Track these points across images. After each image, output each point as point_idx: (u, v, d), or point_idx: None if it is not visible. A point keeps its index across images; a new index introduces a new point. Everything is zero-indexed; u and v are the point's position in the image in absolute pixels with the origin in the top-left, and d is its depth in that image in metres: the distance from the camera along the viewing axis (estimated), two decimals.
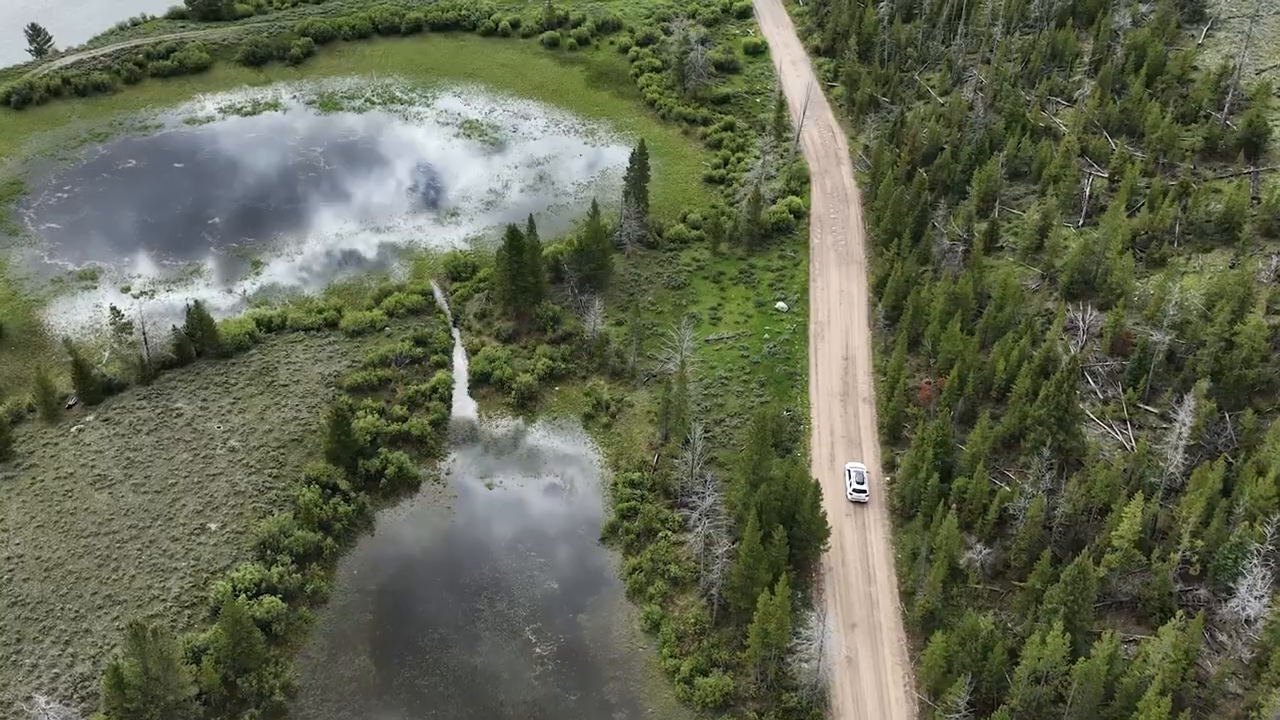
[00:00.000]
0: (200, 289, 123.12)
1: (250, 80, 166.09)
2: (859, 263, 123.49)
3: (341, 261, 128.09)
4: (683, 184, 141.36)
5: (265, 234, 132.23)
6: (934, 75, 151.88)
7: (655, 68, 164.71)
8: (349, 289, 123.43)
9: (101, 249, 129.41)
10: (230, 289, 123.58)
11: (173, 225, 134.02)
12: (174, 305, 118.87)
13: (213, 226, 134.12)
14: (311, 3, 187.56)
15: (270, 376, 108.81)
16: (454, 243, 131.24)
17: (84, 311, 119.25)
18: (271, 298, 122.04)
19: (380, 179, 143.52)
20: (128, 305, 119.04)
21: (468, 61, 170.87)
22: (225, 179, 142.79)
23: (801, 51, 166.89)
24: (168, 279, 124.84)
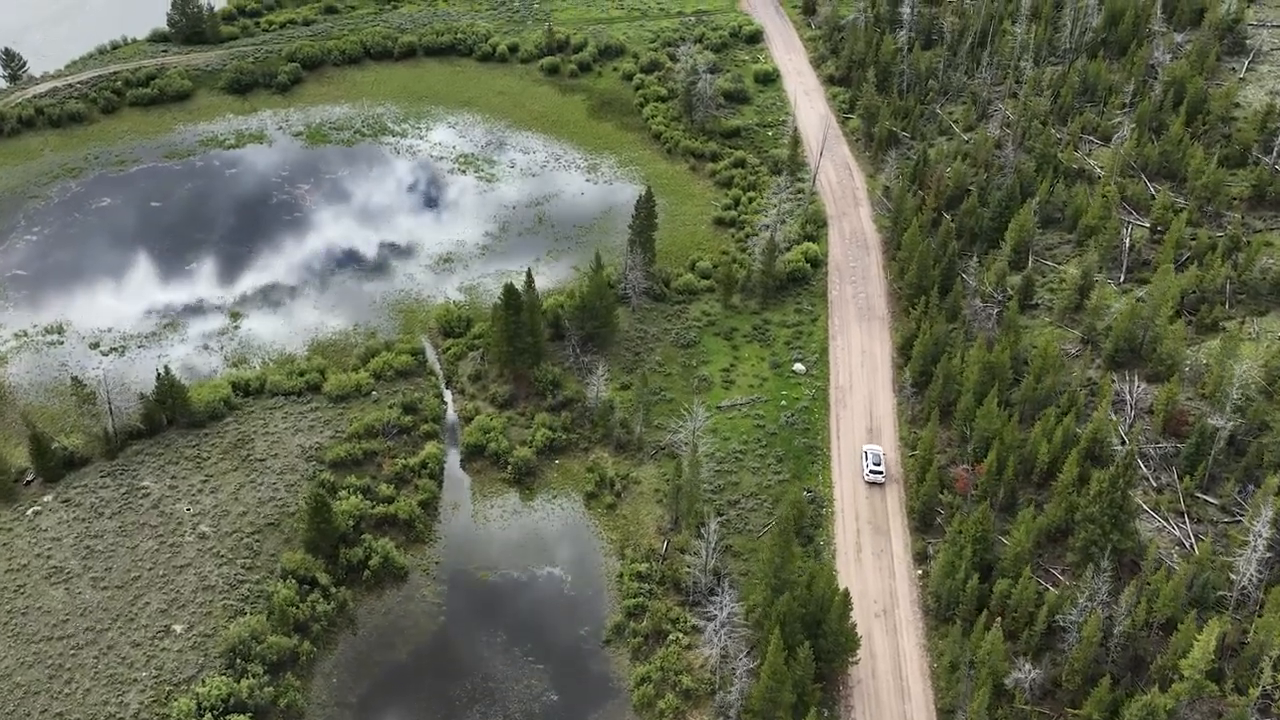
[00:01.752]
0: (175, 344, 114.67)
1: (234, 109, 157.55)
2: (881, 318, 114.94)
3: (327, 313, 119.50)
4: (691, 226, 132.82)
5: (246, 282, 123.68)
6: (957, 109, 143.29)
7: (661, 97, 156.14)
8: (334, 345, 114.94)
9: (71, 299, 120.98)
10: (207, 344, 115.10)
11: (147, 272, 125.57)
12: (146, 363, 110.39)
13: (190, 273, 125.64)
14: (300, 24, 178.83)
15: (246, 449, 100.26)
16: (447, 292, 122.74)
17: (49, 370, 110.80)
18: (251, 355, 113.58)
19: (369, 220, 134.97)
20: (96, 364, 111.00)
21: (464, 89, 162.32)
22: (205, 220, 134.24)
23: (815, 80, 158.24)
24: (140, 333, 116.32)
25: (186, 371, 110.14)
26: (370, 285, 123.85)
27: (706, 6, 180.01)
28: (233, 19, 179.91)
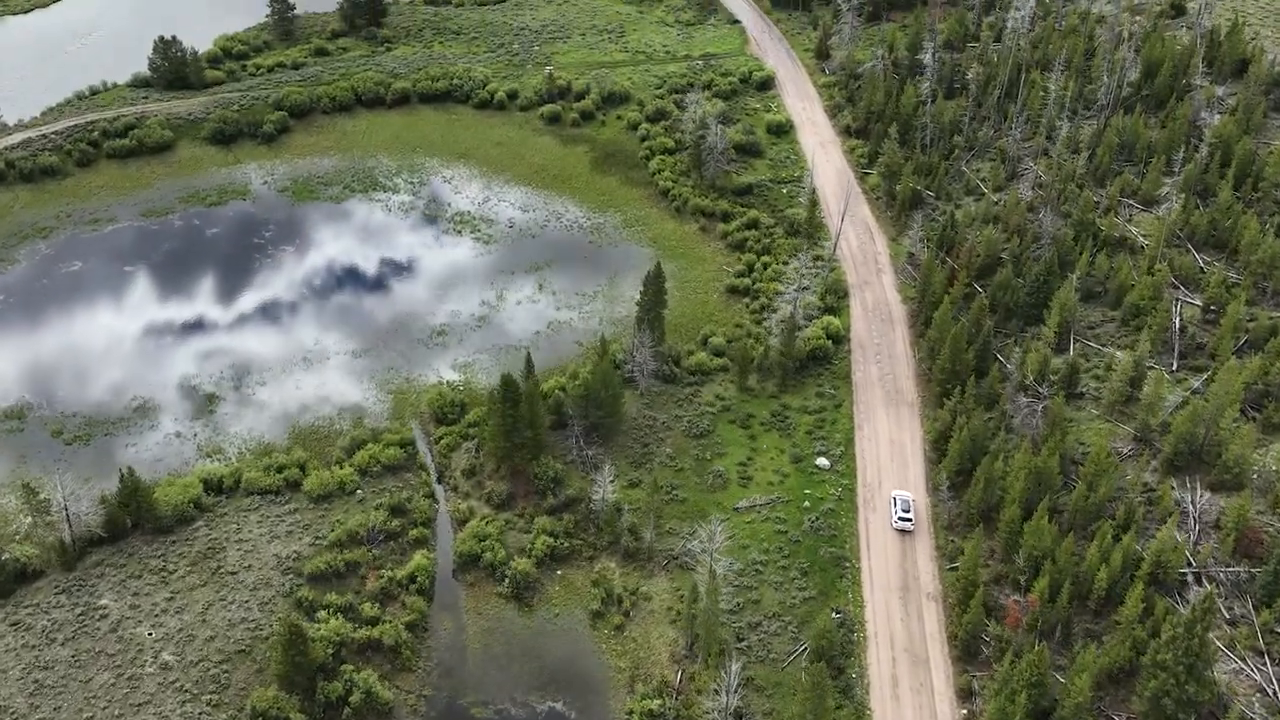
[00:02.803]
0: (144, 432, 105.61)
1: (217, 161, 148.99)
2: (910, 404, 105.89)
3: (310, 395, 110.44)
4: (702, 294, 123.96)
5: (223, 358, 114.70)
6: (984, 166, 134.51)
7: (668, 148, 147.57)
8: (317, 433, 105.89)
9: (34, 378, 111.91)
10: (179, 431, 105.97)
11: (118, 346, 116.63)
12: (113, 453, 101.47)
13: (164, 347, 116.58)
14: (289, 68, 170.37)
15: (217, 560, 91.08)
16: (440, 370, 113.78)
17: (6, 463, 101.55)
18: (226, 443, 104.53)
19: (358, 288, 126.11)
20: (58, 455, 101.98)
21: (460, 139, 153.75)
22: (181, 287, 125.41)
23: (831, 131, 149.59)
24: (108, 419, 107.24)
25: (156, 464, 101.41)
26: (358, 362, 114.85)
27: (715, 50, 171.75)
28: (218, 62, 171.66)
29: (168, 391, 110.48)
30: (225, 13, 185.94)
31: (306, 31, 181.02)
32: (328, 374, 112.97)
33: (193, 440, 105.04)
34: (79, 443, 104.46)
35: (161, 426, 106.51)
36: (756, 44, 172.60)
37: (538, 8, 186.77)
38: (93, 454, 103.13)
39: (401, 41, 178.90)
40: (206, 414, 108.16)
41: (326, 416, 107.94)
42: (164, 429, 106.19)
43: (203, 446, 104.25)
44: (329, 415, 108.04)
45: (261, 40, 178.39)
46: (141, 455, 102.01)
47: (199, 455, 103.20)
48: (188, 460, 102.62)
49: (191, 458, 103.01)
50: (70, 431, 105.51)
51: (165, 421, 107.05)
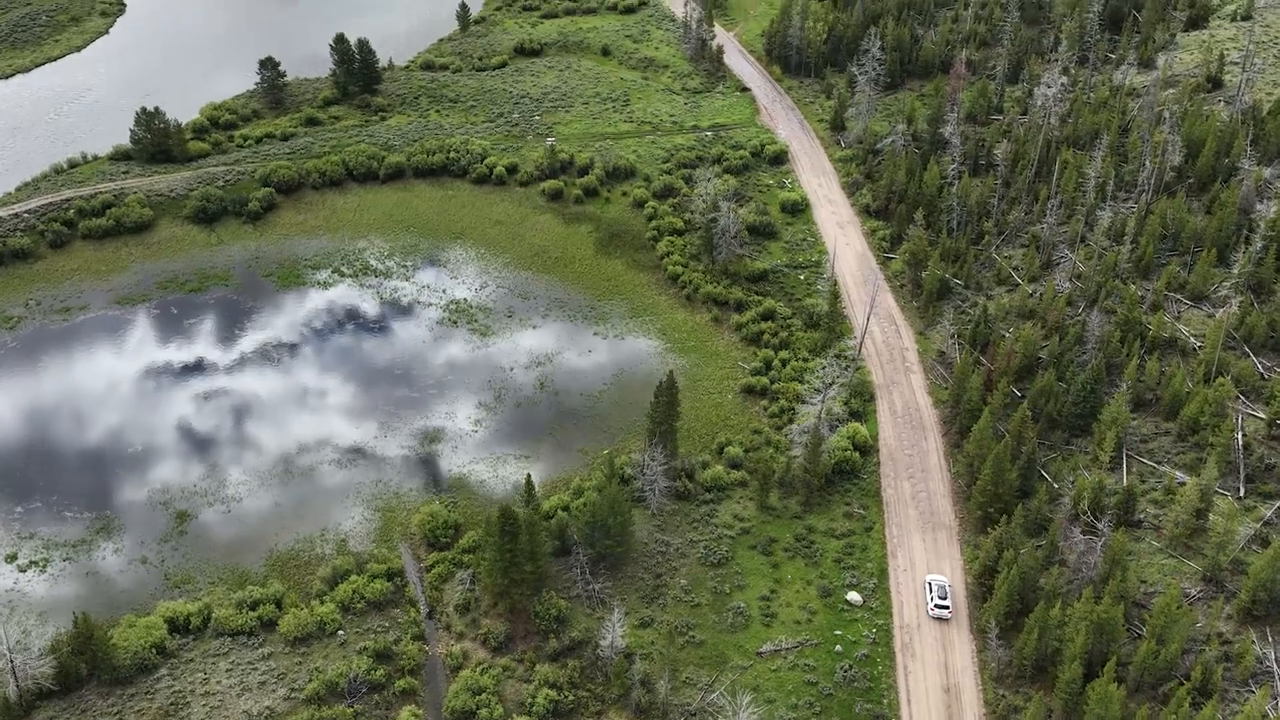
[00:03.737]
0: (107, 555, 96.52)
1: (199, 242, 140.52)
2: (948, 527, 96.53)
3: (290, 512, 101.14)
4: (716, 394, 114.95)
5: (196, 469, 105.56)
6: (1016, 252, 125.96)
7: (676, 229, 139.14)
8: (296, 559, 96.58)
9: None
10: (144, 556, 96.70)
11: (83, 457, 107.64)
12: (71, 581, 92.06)
13: (133, 458, 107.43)
14: (278, 139, 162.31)
15: (179, 718, 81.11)
16: (431, 487, 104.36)
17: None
18: (195, 571, 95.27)
19: (345, 386, 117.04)
20: (12, 583, 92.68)
21: (457, 217, 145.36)
22: (154, 387, 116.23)
23: (850, 211, 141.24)
24: (68, 541, 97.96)
25: (119, 596, 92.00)
26: (343, 473, 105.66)
27: (724, 120, 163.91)
28: (204, 133, 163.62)
29: (135, 509, 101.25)
30: (218, 74, 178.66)
31: (297, 99, 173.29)
32: (310, 487, 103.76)
33: (160, 567, 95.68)
34: (34, 569, 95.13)
35: (126, 549, 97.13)
36: (767, 113, 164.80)
37: (539, 74, 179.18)
38: (48, 583, 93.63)
39: (396, 110, 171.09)
40: (176, 535, 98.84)
41: (307, 538, 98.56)
42: (128, 553, 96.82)
43: (170, 575, 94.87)
44: (310, 537, 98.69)
45: (250, 109, 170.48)
46: (101, 587, 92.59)
47: (166, 586, 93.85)
48: (153, 592, 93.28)
49: (158, 588, 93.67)
50: (25, 556, 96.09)
51: (129, 543, 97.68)
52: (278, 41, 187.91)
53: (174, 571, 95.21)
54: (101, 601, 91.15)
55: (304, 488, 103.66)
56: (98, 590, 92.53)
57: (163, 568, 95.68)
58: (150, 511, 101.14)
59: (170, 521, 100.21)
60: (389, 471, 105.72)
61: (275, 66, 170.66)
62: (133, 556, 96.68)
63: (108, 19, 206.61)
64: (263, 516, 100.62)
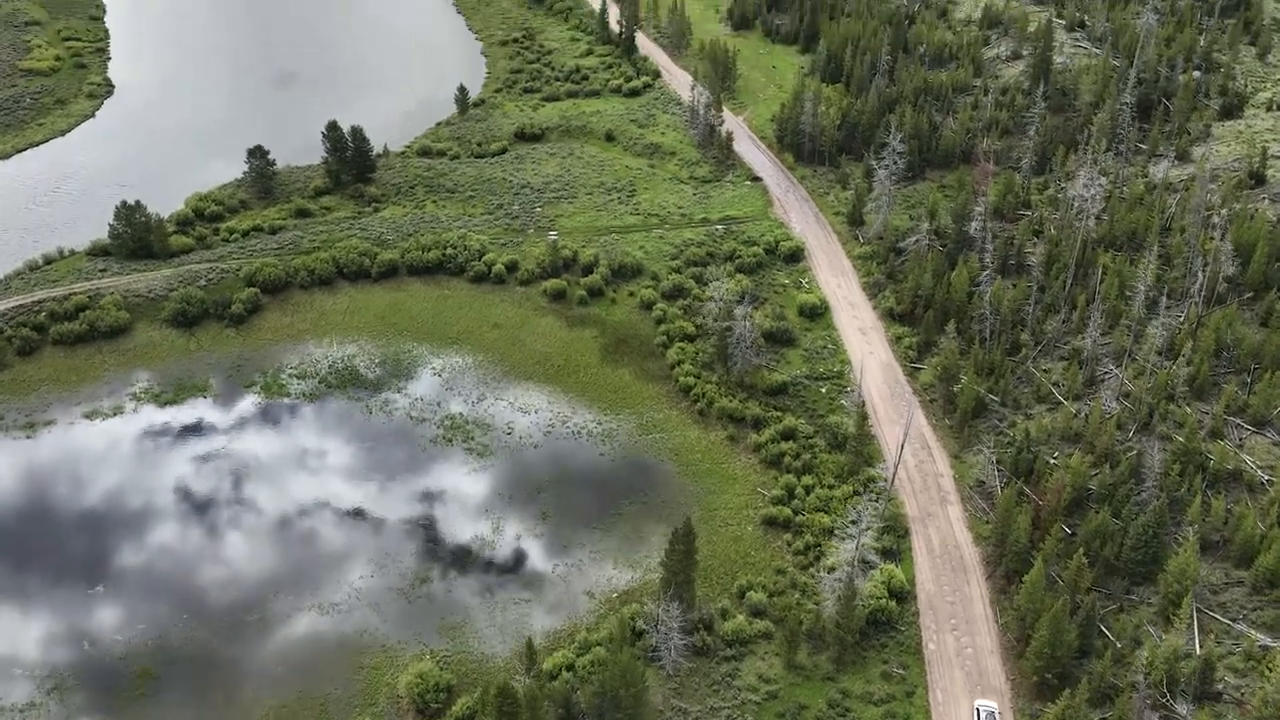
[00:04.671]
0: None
1: (177, 348, 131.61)
2: (1000, 691, 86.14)
3: (264, 674, 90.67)
4: (734, 525, 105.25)
5: (164, 616, 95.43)
6: (1055, 366, 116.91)
7: (687, 334, 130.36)
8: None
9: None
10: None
11: (38, 598, 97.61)
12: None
13: (93, 600, 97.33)
14: (267, 232, 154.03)
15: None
16: (424, 634, 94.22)
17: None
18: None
19: (329, 520, 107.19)
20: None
21: (453, 320, 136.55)
22: (120, 516, 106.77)
23: (872, 315, 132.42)
24: (14, 704, 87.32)
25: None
26: (324, 621, 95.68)
27: (735, 212, 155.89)
28: (188, 225, 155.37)
29: (91, 665, 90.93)
30: (207, 161, 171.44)
31: (288, 189, 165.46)
32: (287, 641, 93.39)
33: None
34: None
35: (79, 714, 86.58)
36: (780, 205, 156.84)
37: (540, 162, 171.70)
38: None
39: (391, 200, 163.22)
40: (134, 697, 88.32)
41: (284, 704, 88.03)
42: (80, 717, 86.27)
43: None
44: (285, 701, 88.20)
45: (238, 200, 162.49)
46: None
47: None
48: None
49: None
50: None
51: (83, 705, 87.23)
52: (271, 125, 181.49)
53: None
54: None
55: (280, 641, 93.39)
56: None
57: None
58: (108, 668, 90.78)
59: (129, 681, 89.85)
60: (375, 619, 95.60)
61: (264, 155, 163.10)
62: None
63: (95, 101, 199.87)
64: (233, 678, 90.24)
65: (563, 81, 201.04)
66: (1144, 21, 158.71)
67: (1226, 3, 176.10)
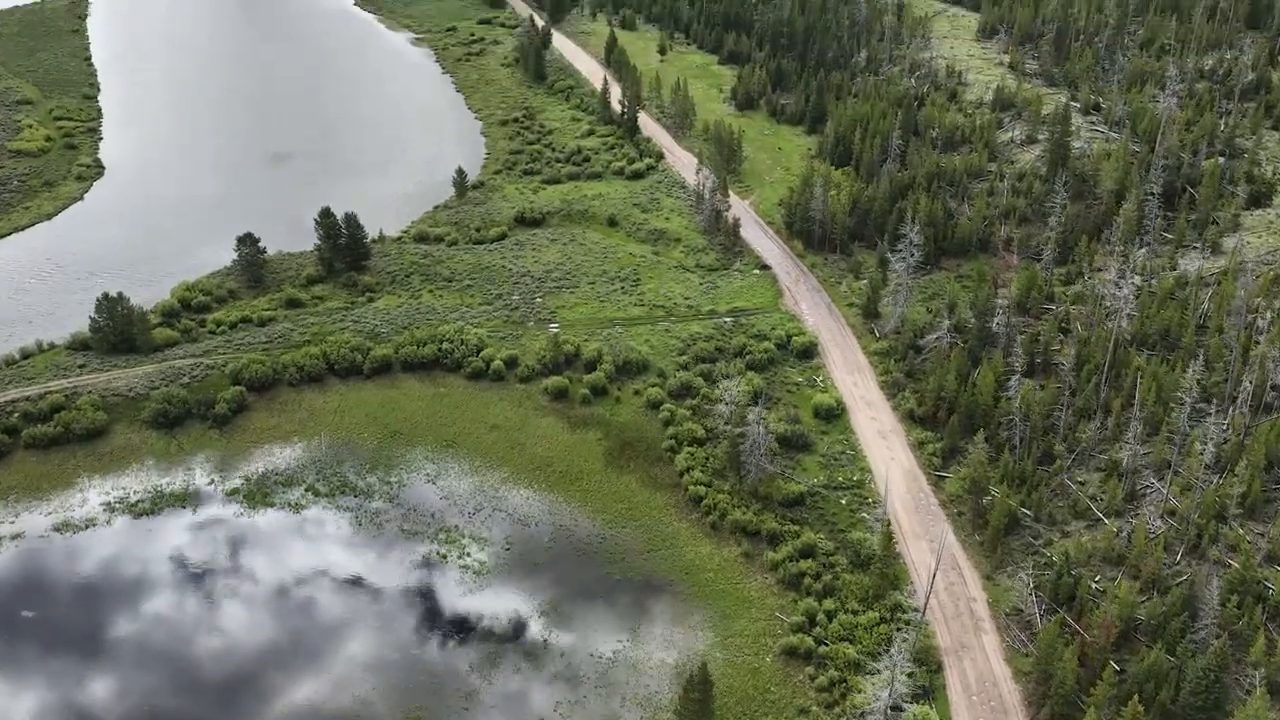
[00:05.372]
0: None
1: (156, 451, 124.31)
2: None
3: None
4: (751, 656, 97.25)
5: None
6: (1091, 477, 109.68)
7: (697, 438, 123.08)
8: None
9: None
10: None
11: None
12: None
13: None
14: (255, 324, 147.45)
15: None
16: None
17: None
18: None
19: (313, 645, 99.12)
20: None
21: (449, 420, 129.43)
22: (91, 640, 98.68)
23: (891, 417, 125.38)
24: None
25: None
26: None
27: (743, 303, 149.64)
28: (174, 316, 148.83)
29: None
30: (196, 246, 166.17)
31: (278, 277, 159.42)
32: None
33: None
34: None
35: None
36: (790, 295, 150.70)
37: (541, 248, 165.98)
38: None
39: (385, 290, 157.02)
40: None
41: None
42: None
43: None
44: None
45: (226, 289, 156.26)
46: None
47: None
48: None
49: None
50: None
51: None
52: (264, 208, 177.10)
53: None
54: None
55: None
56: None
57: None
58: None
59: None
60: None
61: (255, 243, 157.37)
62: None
63: (84, 184, 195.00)
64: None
65: (564, 163, 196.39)
66: (1165, 106, 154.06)
67: (1246, 86, 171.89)
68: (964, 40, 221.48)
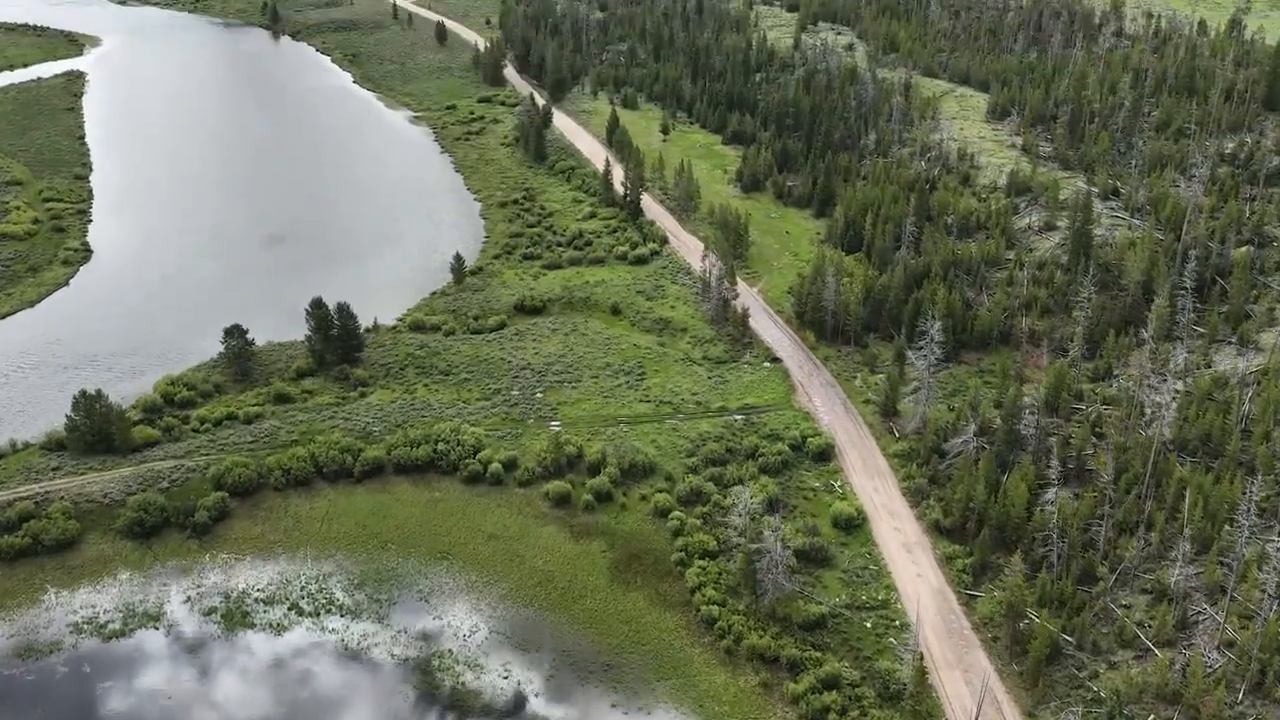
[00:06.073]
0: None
1: (131, 563, 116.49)
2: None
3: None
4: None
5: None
6: (1138, 599, 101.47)
7: (708, 550, 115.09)
8: None
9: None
10: None
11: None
12: None
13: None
14: (241, 422, 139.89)
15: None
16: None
17: None
18: None
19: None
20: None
21: (443, 529, 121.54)
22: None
23: (916, 527, 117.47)
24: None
25: None
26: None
27: (754, 400, 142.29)
28: (156, 413, 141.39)
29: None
30: (183, 336, 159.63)
31: (267, 369, 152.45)
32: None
33: None
34: None
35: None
36: (803, 390, 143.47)
37: (542, 339, 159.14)
38: None
39: (379, 384, 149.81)
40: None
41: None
42: None
43: None
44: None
45: (212, 383, 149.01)
46: None
47: None
48: None
49: None
50: None
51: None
52: (255, 294, 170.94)
53: None
54: None
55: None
56: None
57: None
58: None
59: None
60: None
61: (243, 334, 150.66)
62: None
63: (69, 269, 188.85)
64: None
65: (565, 247, 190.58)
66: (1191, 194, 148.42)
67: (1271, 170, 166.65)
68: (974, 121, 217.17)
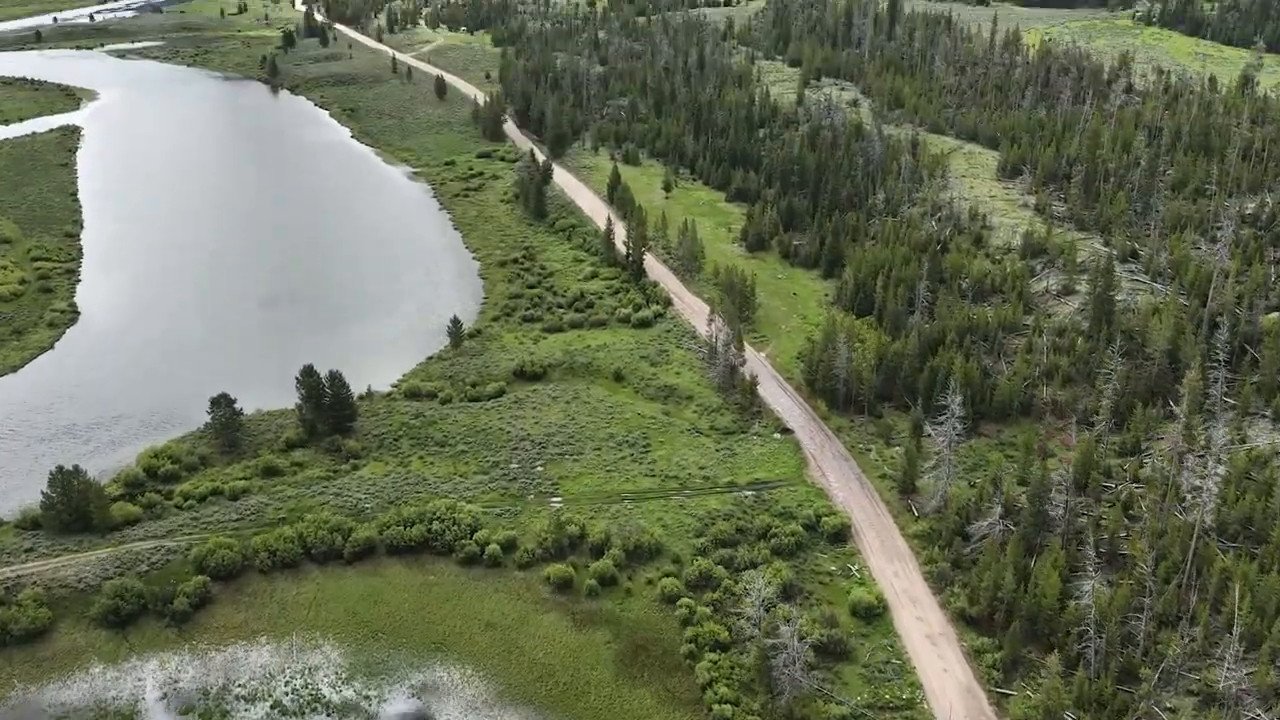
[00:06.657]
0: None
1: (105, 655, 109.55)
2: None
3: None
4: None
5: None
6: (1182, 701, 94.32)
7: (719, 640, 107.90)
8: None
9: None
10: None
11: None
12: None
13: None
14: (226, 498, 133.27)
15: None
16: None
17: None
18: None
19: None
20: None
21: (438, 617, 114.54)
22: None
23: (940, 617, 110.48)
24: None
25: None
26: None
27: (765, 474, 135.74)
28: (138, 487, 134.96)
29: None
30: (170, 404, 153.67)
31: (255, 440, 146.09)
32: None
33: None
34: None
35: None
36: (816, 464, 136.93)
37: (542, 407, 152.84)
38: None
39: (372, 455, 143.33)
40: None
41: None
42: None
43: None
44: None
45: (197, 455, 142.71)
46: None
47: None
48: None
49: None
50: None
51: None
52: (245, 359, 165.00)
53: None
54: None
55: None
56: None
57: None
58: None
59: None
60: None
61: (230, 404, 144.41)
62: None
63: (55, 331, 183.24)
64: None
65: (566, 309, 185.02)
66: (1217, 258, 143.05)
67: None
68: (984, 179, 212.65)
